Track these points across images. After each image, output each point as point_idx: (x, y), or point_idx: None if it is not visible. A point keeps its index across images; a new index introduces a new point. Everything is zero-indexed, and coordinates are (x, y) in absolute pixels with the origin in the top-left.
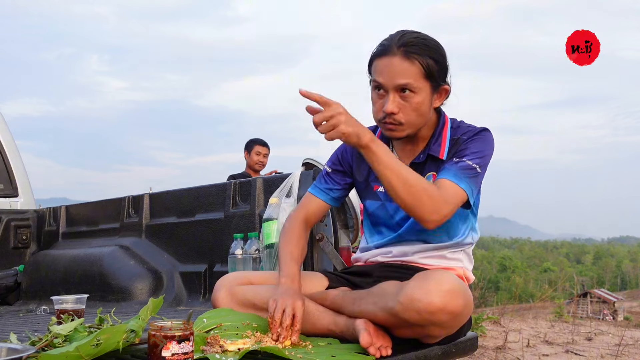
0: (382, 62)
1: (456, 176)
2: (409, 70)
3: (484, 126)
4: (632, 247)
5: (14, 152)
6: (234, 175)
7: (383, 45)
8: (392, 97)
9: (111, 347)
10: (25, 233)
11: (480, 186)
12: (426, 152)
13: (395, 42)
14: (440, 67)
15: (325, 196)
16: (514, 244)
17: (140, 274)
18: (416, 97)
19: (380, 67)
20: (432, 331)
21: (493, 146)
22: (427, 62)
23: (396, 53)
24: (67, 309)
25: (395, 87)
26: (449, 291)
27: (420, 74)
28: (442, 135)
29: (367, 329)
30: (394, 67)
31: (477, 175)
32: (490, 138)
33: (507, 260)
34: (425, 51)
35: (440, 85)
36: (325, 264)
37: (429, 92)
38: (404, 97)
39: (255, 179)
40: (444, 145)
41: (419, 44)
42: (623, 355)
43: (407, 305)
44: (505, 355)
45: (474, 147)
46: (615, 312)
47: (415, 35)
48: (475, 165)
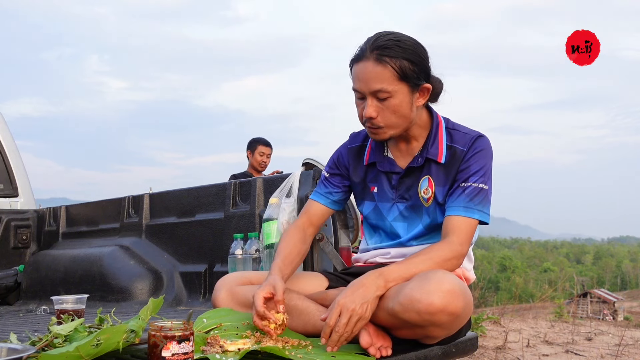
0: (357, 67)
1: (467, 209)
2: (382, 75)
3: (479, 132)
4: (632, 247)
5: (14, 152)
6: (236, 174)
7: (359, 50)
8: (370, 101)
9: (111, 347)
10: (25, 233)
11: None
12: (424, 156)
13: (369, 46)
14: (417, 67)
15: (325, 200)
16: (514, 244)
17: (140, 274)
18: (393, 100)
19: (356, 73)
20: (432, 332)
21: (492, 153)
22: (400, 64)
23: (369, 57)
24: (67, 309)
25: (371, 92)
26: (449, 292)
27: (394, 76)
28: (438, 136)
29: (367, 330)
30: (368, 72)
31: (487, 194)
32: (489, 146)
33: (507, 260)
34: (399, 53)
35: (420, 84)
36: (325, 264)
37: (407, 93)
38: (381, 100)
39: (255, 179)
40: (441, 148)
41: (392, 46)
42: (623, 355)
43: (407, 306)
44: (505, 355)
45: (476, 165)
46: (615, 312)
47: (389, 37)
48: (483, 186)
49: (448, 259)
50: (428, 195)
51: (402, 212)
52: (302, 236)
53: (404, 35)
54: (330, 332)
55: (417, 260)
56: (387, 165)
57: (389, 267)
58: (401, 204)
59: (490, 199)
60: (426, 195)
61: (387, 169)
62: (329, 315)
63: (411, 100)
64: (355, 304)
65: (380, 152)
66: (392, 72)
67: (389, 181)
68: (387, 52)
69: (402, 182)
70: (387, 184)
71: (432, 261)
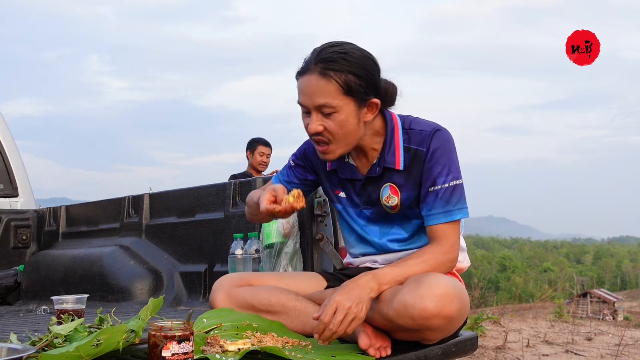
0: (302, 81)
1: (447, 214)
2: (325, 89)
3: (436, 125)
4: (632, 247)
5: (14, 152)
6: (236, 174)
7: (304, 62)
8: (315, 116)
9: (111, 347)
10: (25, 233)
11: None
12: (381, 165)
13: (314, 59)
14: (364, 81)
15: (284, 184)
16: (514, 244)
17: (140, 274)
18: (339, 116)
19: (300, 87)
20: (428, 335)
21: (453, 144)
22: (346, 78)
23: (313, 71)
24: (67, 309)
25: (315, 106)
26: (443, 295)
27: (338, 91)
28: (394, 143)
29: (365, 331)
30: (312, 86)
31: (460, 188)
32: (447, 138)
33: (507, 260)
34: (345, 66)
35: (367, 99)
36: (325, 264)
37: (353, 109)
38: (326, 115)
39: (255, 178)
40: (398, 155)
41: (337, 59)
42: (623, 355)
43: (401, 312)
44: (505, 355)
45: (439, 165)
46: (615, 312)
47: (334, 50)
48: (454, 182)
49: (441, 262)
50: (393, 203)
51: (371, 217)
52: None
53: (352, 46)
54: (324, 328)
55: (410, 263)
56: (348, 173)
57: (383, 270)
58: (367, 210)
59: (464, 190)
60: (389, 203)
61: (348, 176)
62: (324, 312)
63: (358, 115)
64: (352, 302)
65: (341, 158)
66: (337, 86)
67: (353, 187)
68: (331, 66)
69: (365, 189)
70: (352, 190)
71: (426, 264)
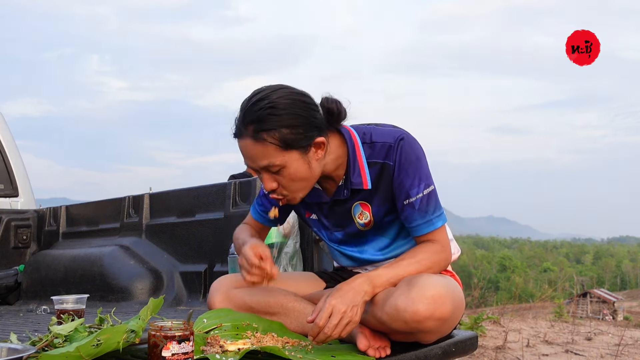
0: (240, 144)
1: (428, 224)
2: (263, 152)
3: (399, 133)
4: (632, 247)
5: (14, 152)
6: (235, 175)
7: (235, 125)
8: (265, 176)
9: (111, 347)
10: (25, 233)
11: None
12: (348, 187)
13: (243, 120)
14: (302, 128)
15: (262, 218)
16: (513, 244)
17: (140, 274)
18: (286, 170)
19: (240, 150)
20: (422, 337)
21: (419, 149)
22: (280, 135)
23: (246, 135)
24: (67, 309)
25: (260, 168)
26: (434, 297)
27: (277, 150)
28: (358, 162)
29: (363, 332)
30: (249, 151)
31: (434, 193)
32: (412, 145)
33: (507, 260)
34: (275, 122)
35: (310, 144)
36: (325, 264)
37: (298, 158)
38: (274, 173)
39: (255, 178)
40: (364, 174)
41: (266, 117)
42: (623, 355)
43: (393, 316)
44: (505, 355)
45: (410, 174)
46: (615, 312)
47: (261, 105)
48: (427, 190)
49: (435, 261)
50: (365, 220)
51: (342, 239)
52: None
53: (279, 94)
54: (318, 332)
55: (404, 264)
56: (314, 196)
57: (378, 271)
58: (338, 232)
59: (437, 194)
60: (362, 220)
61: (315, 199)
62: (319, 316)
63: (306, 161)
64: (347, 306)
65: None
66: (274, 146)
67: (320, 210)
68: (262, 126)
69: (333, 210)
70: (320, 213)
71: (420, 264)
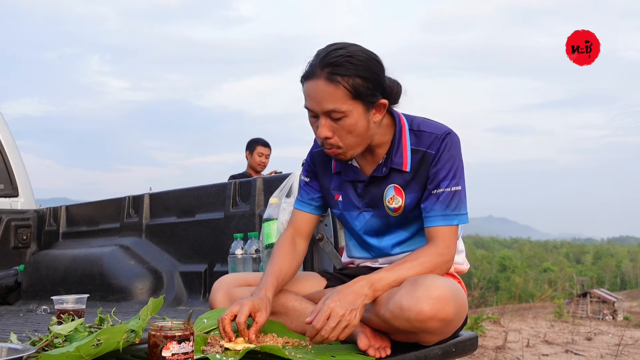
0: (308, 86)
1: (445, 217)
2: (333, 95)
3: (446, 128)
4: (632, 247)
5: (14, 152)
6: (235, 175)
7: (309, 66)
8: (323, 122)
9: (111, 347)
10: (25, 233)
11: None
12: (388, 165)
13: (319, 62)
14: (372, 83)
15: (308, 207)
16: (513, 243)
17: (140, 274)
18: (348, 120)
19: (307, 92)
20: (424, 337)
21: (460, 149)
22: (353, 82)
23: (320, 76)
24: (67, 309)
25: (324, 112)
26: (439, 298)
27: (347, 96)
28: (402, 144)
29: (364, 332)
30: (319, 92)
31: (461, 195)
32: (456, 143)
33: (507, 260)
34: (351, 70)
35: (375, 101)
36: (325, 264)
37: (361, 112)
38: (335, 120)
39: (255, 179)
40: (405, 156)
41: (344, 62)
42: (623, 355)
43: (397, 314)
44: (505, 355)
45: (445, 168)
46: (615, 312)
47: (340, 53)
48: (455, 188)
49: (437, 264)
50: (396, 204)
51: (370, 221)
52: (292, 250)
53: (356, 48)
54: (315, 334)
55: (407, 266)
56: (351, 174)
57: (378, 275)
58: (368, 212)
59: (465, 197)
60: (392, 205)
61: (352, 177)
62: (317, 318)
63: (367, 117)
64: (345, 310)
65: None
66: (345, 91)
67: (354, 189)
68: (338, 70)
69: (368, 190)
70: (353, 192)
71: (422, 267)
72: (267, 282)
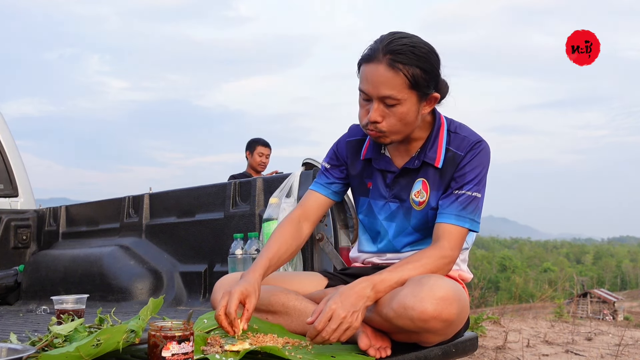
0: (367, 68)
1: (458, 218)
2: (393, 81)
3: (479, 137)
4: (632, 247)
5: (14, 152)
6: (235, 175)
7: (370, 50)
8: (376, 106)
9: (111, 347)
10: (25, 233)
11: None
12: (421, 159)
13: (382, 48)
14: (429, 76)
15: (326, 190)
16: (514, 244)
17: (140, 274)
18: (401, 108)
19: (365, 74)
20: (426, 338)
21: (489, 160)
22: (413, 72)
23: (382, 61)
24: (67, 309)
25: (379, 97)
26: (442, 298)
27: (405, 84)
28: (438, 140)
29: (365, 332)
30: (378, 76)
31: (479, 203)
32: (487, 153)
33: (507, 260)
34: (413, 60)
35: (429, 93)
36: (325, 264)
37: (415, 102)
38: (388, 106)
39: (255, 179)
40: (439, 153)
41: (407, 52)
42: (623, 355)
43: (400, 313)
44: (505, 355)
45: (472, 173)
46: (615, 312)
47: (404, 42)
48: (476, 194)
49: (439, 266)
50: (421, 199)
51: (394, 212)
52: (294, 231)
53: (419, 40)
54: (316, 335)
55: (409, 267)
56: (382, 164)
57: (381, 276)
58: (394, 203)
59: (481, 207)
60: (418, 199)
61: (383, 167)
62: (319, 319)
63: (418, 108)
64: (347, 312)
65: (377, 149)
66: (404, 79)
67: (383, 179)
68: (400, 58)
69: (397, 181)
70: (382, 182)
71: (424, 268)
72: (258, 263)
